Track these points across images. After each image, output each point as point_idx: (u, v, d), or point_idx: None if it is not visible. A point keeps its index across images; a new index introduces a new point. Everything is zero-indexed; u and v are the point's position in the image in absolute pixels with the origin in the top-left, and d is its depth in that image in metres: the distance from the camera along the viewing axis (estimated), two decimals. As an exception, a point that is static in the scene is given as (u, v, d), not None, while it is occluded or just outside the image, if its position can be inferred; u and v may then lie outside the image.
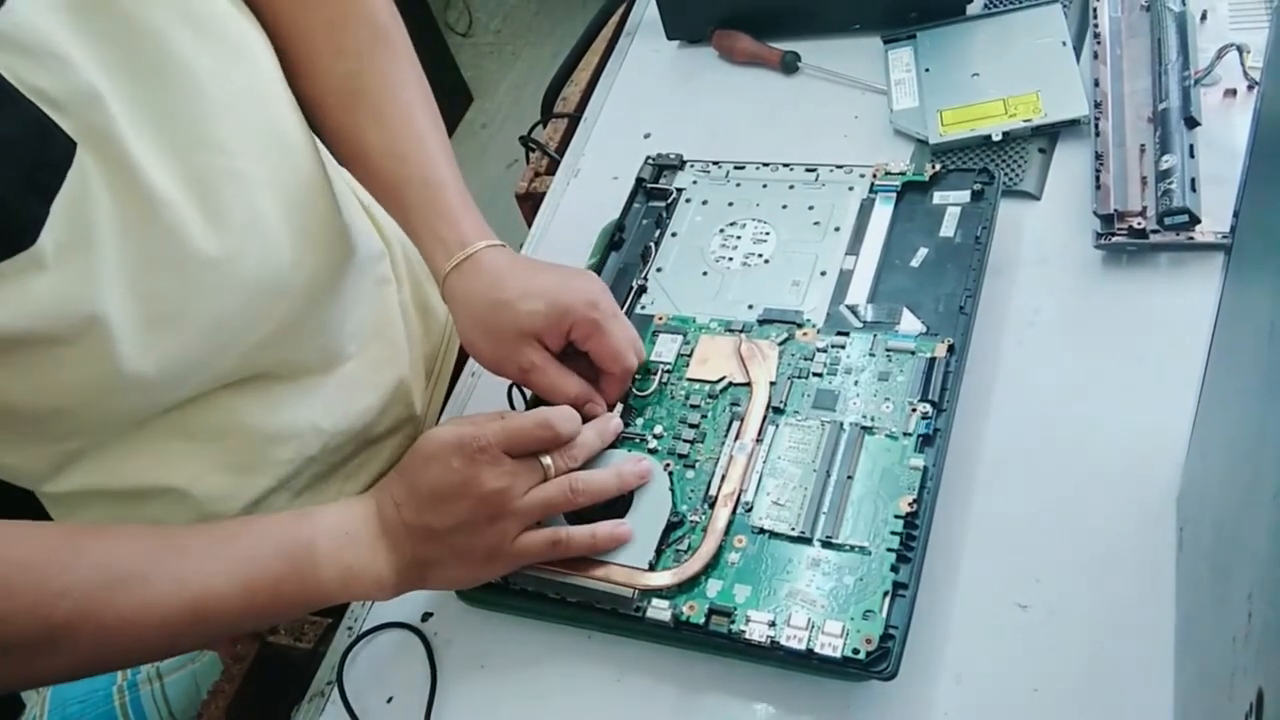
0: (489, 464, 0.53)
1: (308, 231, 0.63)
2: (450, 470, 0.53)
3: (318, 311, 0.66)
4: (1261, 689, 0.30)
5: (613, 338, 0.60)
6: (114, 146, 0.51)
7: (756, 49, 0.87)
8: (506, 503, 0.54)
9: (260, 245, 0.59)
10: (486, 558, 0.55)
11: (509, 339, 0.60)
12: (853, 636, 0.51)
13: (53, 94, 0.48)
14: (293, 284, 0.63)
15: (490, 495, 0.53)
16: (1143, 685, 0.50)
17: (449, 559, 0.55)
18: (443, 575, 0.56)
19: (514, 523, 0.54)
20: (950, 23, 0.82)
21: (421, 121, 0.64)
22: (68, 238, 0.50)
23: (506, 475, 0.54)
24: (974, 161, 0.73)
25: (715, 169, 0.76)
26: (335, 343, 0.69)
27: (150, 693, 1.16)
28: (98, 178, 0.51)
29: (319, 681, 0.63)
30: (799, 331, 0.64)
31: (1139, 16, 0.76)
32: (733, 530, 0.56)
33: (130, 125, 0.51)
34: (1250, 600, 0.33)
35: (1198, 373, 0.50)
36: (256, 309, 0.61)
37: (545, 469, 0.55)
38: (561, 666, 0.58)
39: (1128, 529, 0.55)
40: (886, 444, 0.57)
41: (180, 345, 0.57)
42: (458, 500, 0.53)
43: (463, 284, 0.61)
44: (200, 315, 0.57)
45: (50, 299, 0.50)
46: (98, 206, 0.51)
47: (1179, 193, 0.63)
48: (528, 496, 0.54)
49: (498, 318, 0.60)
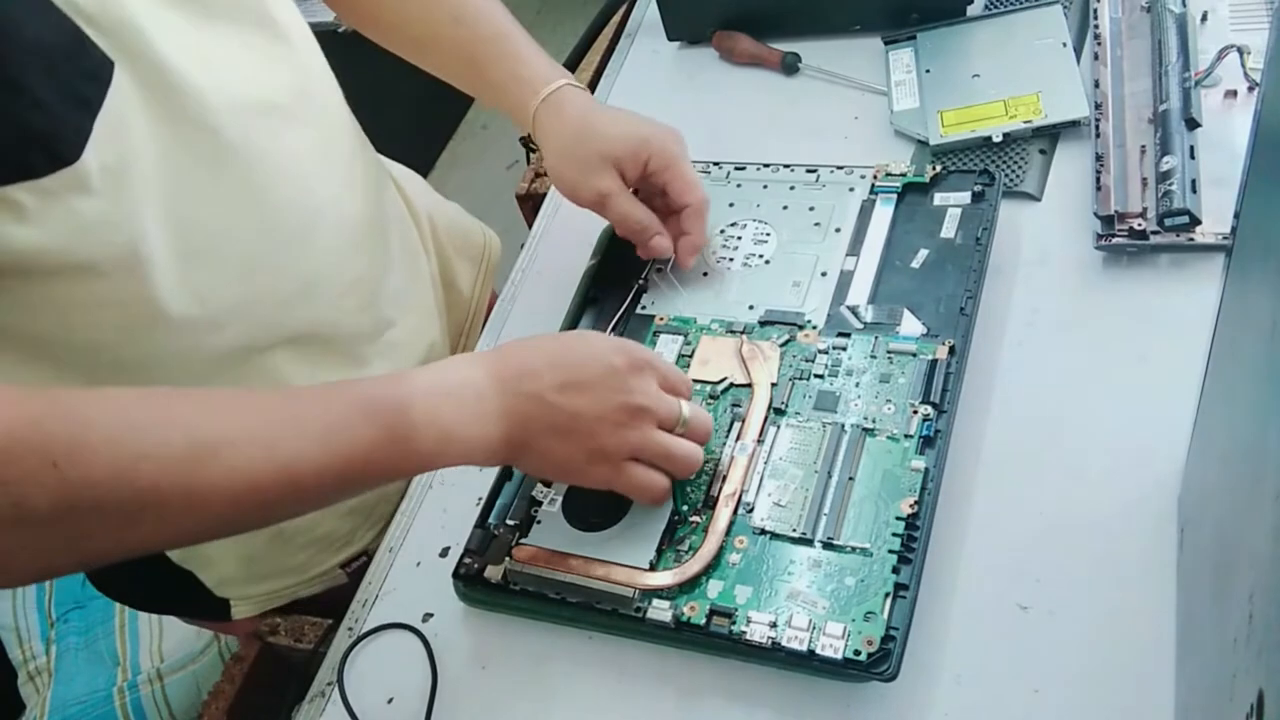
0: (649, 376, 0.54)
1: (337, 172, 0.65)
2: (609, 365, 0.53)
3: (354, 263, 0.67)
4: (1262, 690, 0.30)
5: (688, 170, 0.66)
6: (152, 69, 0.51)
7: (757, 50, 0.87)
8: (640, 421, 0.54)
9: (294, 178, 0.61)
10: (593, 457, 0.54)
11: (592, 164, 0.65)
12: (854, 638, 0.51)
13: (89, 9, 0.48)
14: (326, 224, 0.64)
15: (634, 405, 0.53)
16: (1143, 686, 0.50)
17: (557, 443, 0.53)
18: (538, 458, 0.55)
19: (636, 440, 0.54)
20: (951, 24, 0.82)
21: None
22: (111, 161, 0.50)
23: (655, 399, 0.54)
24: (974, 163, 0.73)
25: (716, 170, 0.76)
26: (376, 305, 0.70)
27: (150, 693, 1.17)
28: (138, 101, 0.51)
29: (319, 682, 0.63)
30: (800, 333, 0.64)
31: (1139, 17, 0.76)
32: (734, 531, 0.57)
33: (168, 50, 0.52)
34: (1251, 601, 0.33)
35: (1198, 374, 0.50)
36: (294, 247, 0.61)
37: (679, 419, 0.55)
38: (562, 667, 0.58)
39: (1128, 530, 0.55)
40: (888, 445, 0.57)
41: (216, 281, 0.57)
42: (602, 391, 0.53)
43: (550, 116, 0.66)
44: (236, 250, 0.58)
45: (94, 224, 0.50)
46: (140, 131, 0.51)
47: (1179, 194, 0.63)
48: (660, 433, 0.54)
49: (583, 144, 0.65)
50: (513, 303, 0.79)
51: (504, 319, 0.78)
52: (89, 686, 1.18)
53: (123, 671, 1.19)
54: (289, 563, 0.73)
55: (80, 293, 0.52)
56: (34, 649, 1.24)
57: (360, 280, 0.68)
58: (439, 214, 0.85)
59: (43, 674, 1.22)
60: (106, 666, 1.20)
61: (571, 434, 0.53)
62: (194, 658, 1.19)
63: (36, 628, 1.26)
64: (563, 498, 0.60)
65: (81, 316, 0.54)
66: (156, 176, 0.52)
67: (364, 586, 0.67)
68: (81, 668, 1.20)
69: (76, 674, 1.20)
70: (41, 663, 1.23)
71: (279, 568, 0.73)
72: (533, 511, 0.61)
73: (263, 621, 0.72)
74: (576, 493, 0.60)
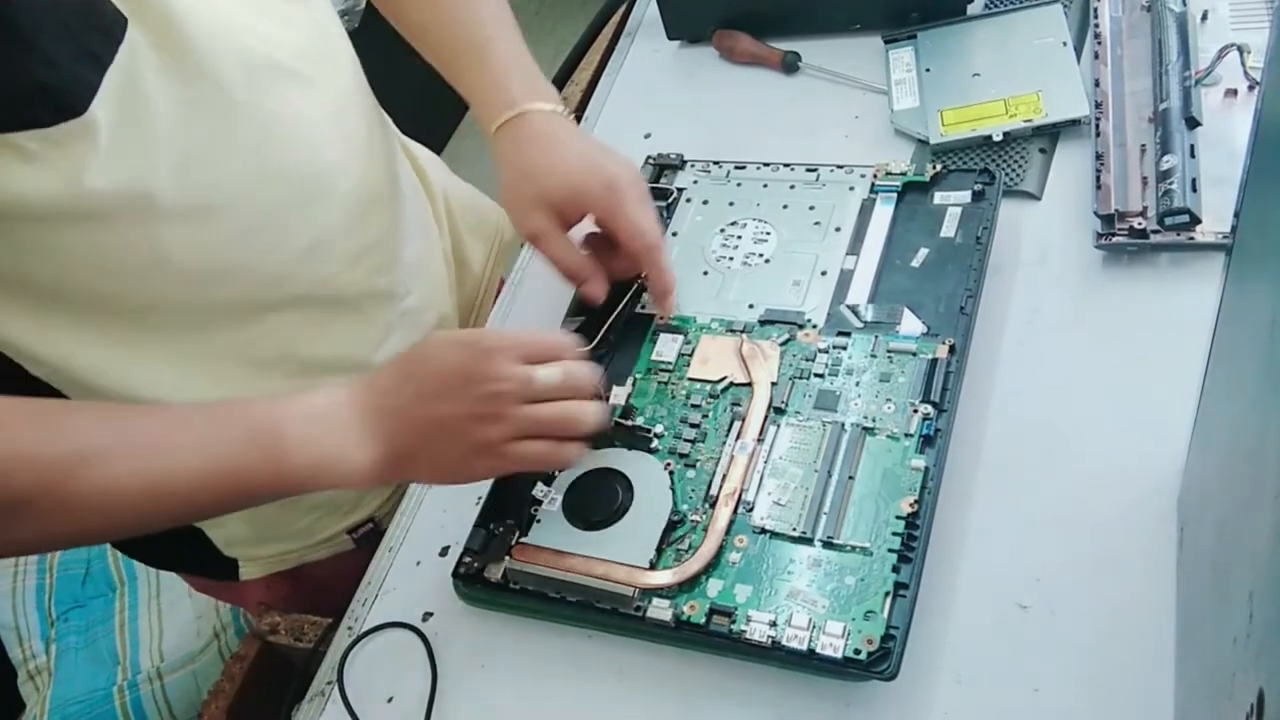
0: (499, 361, 0.54)
1: (349, 137, 0.65)
2: (454, 363, 0.54)
3: (365, 227, 0.67)
4: (1262, 689, 0.30)
5: (628, 220, 0.62)
6: (166, 25, 0.52)
7: (757, 49, 0.87)
8: (501, 407, 0.53)
9: (304, 141, 0.61)
10: (474, 452, 0.54)
11: (528, 203, 0.64)
12: (854, 637, 0.51)
13: None
14: (338, 187, 0.64)
15: (490, 393, 0.53)
16: (1143, 686, 0.50)
17: (435, 450, 0.54)
18: (424, 467, 0.56)
19: (506, 426, 0.54)
20: (951, 23, 0.82)
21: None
22: (121, 115, 0.51)
23: (510, 379, 0.54)
24: (975, 162, 0.73)
25: (716, 169, 0.76)
26: (393, 271, 0.70)
27: (150, 692, 1.17)
28: (150, 56, 0.52)
29: (319, 681, 0.63)
30: (800, 332, 0.64)
31: (1140, 16, 0.76)
32: (734, 530, 0.56)
33: (179, 6, 0.53)
34: (1251, 600, 0.33)
35: (1198, 373, 0.50)
36: (301, 207, 0.62)
37: (543, 386, 0.55)
38: (562, 666, 0.58)
39: (1128, 529, 0.55)
40: (888, 444, 0.57)
41: (221, 235, 0.58)
42: (456, 391, 0.53)
43: (501, 145, 0.65)
44: (243, 206, 0.58)
45: (104, 176, 0.51)
46: (151, 85, 0.52)
47: (1180, 193, 0.63)
48: (525, 409, 0.54)
49: (525, 181, 0.64)
50: (519, 286, 0.80)
51: (510, 302, 0.79)
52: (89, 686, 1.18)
53: (122, 670, 1.19)
54: (295, 525, 0.73)
55: (83, 239, 0.53)
56: (34, 648, 1.24)
57: (374, 245, 0.68)
58: (454, 193, 0.85)
59: (43, 673, 1.22)
60: (106, 666, 1.20)
61: (443, 439, 0.54)
62: (194, 657, 1.19)
63: (36, 627, 1.26)
64: (563, 497, 0.60)
65: (83, 261, 0.54)
66: (165, 130, 0.53)
67: (364, 586, 0.67)
68: (81, 667, 1.20)
69: (76, 673, 1.20)
70: (41, 662, 1.23)
71: (285, 530, 0.74)
72: (533, 510, 0.61)
73: (263, 621, 0.72)
74: (577, 492, 0.60)
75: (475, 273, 0.86)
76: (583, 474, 0.61)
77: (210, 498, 0.53)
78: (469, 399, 0.53)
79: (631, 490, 0.59)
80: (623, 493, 0.59)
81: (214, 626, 1.19)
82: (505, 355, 0.54)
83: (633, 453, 0.61)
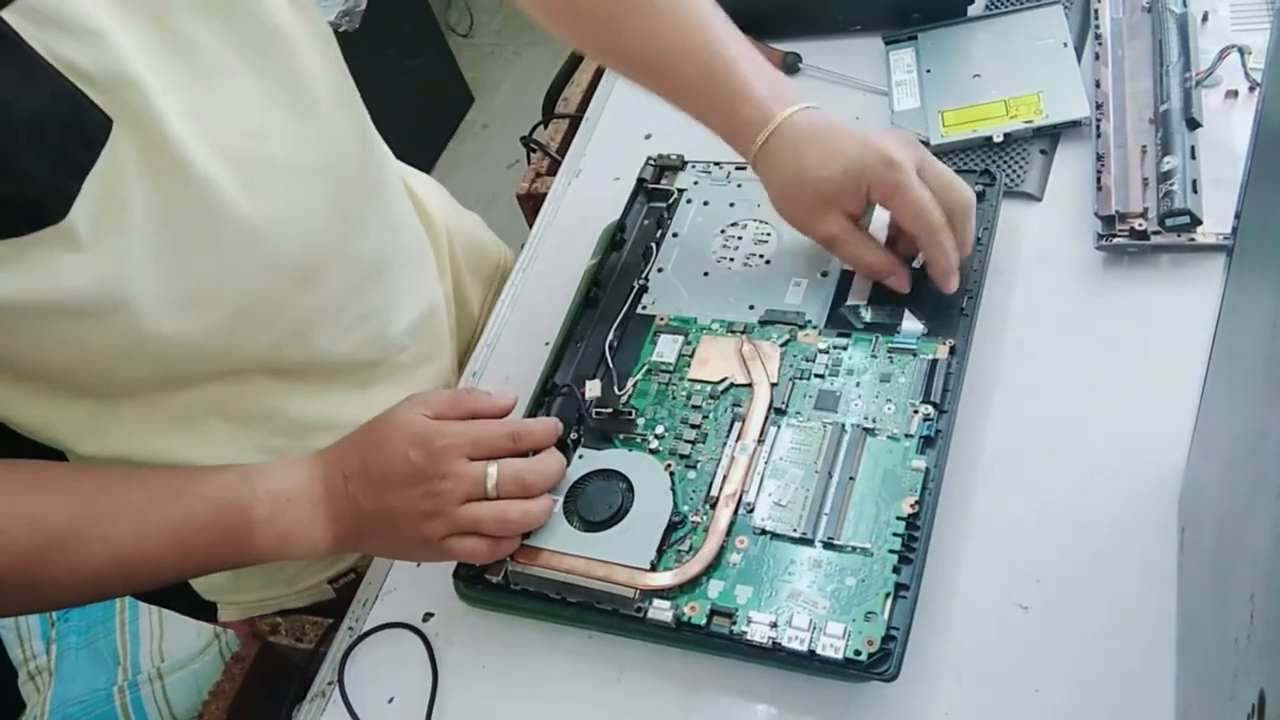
0: (447, 461, 0.55)
1: (350, 217, 0.64)
2: (405, 460, 0.55)
3: (359, 302, 0.66)
4: (1263, 690, 0.30)
5: (912, 196, 0.59)
6: (151, 125, 0.51)
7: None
8: (442, 506, 0.55)
9: (297, 233, 0.60)
10: (416, 544, 0.57)
11: (812, 208, 0.62)
12: (854, 638, 0.51)
13: (88, 70, 0.48)
14: (333, 270, 0.63)
15: (433, 492, 0.55)
16: (1144, 686, 0.50)
17: (383, 535, 0.58)
18: (374, 546, 0.61)
19: (444, 524, 0.56)
20: (952, 24, 0.82)
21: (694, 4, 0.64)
22: (101, 217, 0.50)
23: (457, 480, 0.55)
24: (975, 162, 0.73)
25: (716, 170, 0.76)
26: (381, 339, 0.69)
27: (151, 693, 1.16)
28: (133, 156, 0.50)
29: (320, 681, 0.63)
30: (800, 332, 0.64)
31: (1140, 18, 0.76)
32: (734, 531, 0.57)
33: (167, 106, 0.51)
34: (1252, 601, 0.33)
35: (1199, 374, 0.50)
36: (292, 293, 0.61)
37: (485, 488, 0.56)
38: (562, 666, 0.58)
39: (1129, 529, 0.55)
40: (888, 445, 0.57)
41: (208, 324, 0.58)
42: (405, 488, 0.55)
43: (766, 161, 0.63)
44: (229, 295, 0.58)
45: (82, 277, 0.50)
46: (133, 185, 0.51)
47: (1180, 194, 0.63)
48: (464, 509, 0.55)
49: (799, 188, 0.62)
50: (511, 307, 0.79)
51: (500, 326, 0.78)
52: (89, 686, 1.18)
53: (123, 671, 1.19)
54: (276, 575, 0.73)
55: (62, 329, 0.53)
56: (34, 648, 1.24)
57: (366, 318, 0.67)
58: (457, 230, 0.83)
59: (43, 673, 1.22)
60: (107, 666, 1.20)
61: (388, 529, 0.57)
62: (194, 657, 1.19)
63: (37, 627, 1.26)
64: (563, 498, 0.60)
65: (62, 347, 0.54)
66: (147, 227, 0.52)
67: (364, 586, 0.67)
68: (82, 667, 1.20)
69: (77, 673, 1.20)
70: (42, 662, 1.23)
71: (266, 579, 0.73)
72: (533, 511, 0.60)
73: (263, 621, 0.72)
74: (578, 493, 0.60)
75: (473, 315, 0.84)
76: (583, 476, 0.61)
77: (176, 573, 0.57)
78: (414, 495, 0.55)
79: (632, 492, 0.59)
80: (623, 494, 0.59)
81: (214, 627, 1.19)
82: (455, 453, 0.55)
83: (633, 454, 0.61)
